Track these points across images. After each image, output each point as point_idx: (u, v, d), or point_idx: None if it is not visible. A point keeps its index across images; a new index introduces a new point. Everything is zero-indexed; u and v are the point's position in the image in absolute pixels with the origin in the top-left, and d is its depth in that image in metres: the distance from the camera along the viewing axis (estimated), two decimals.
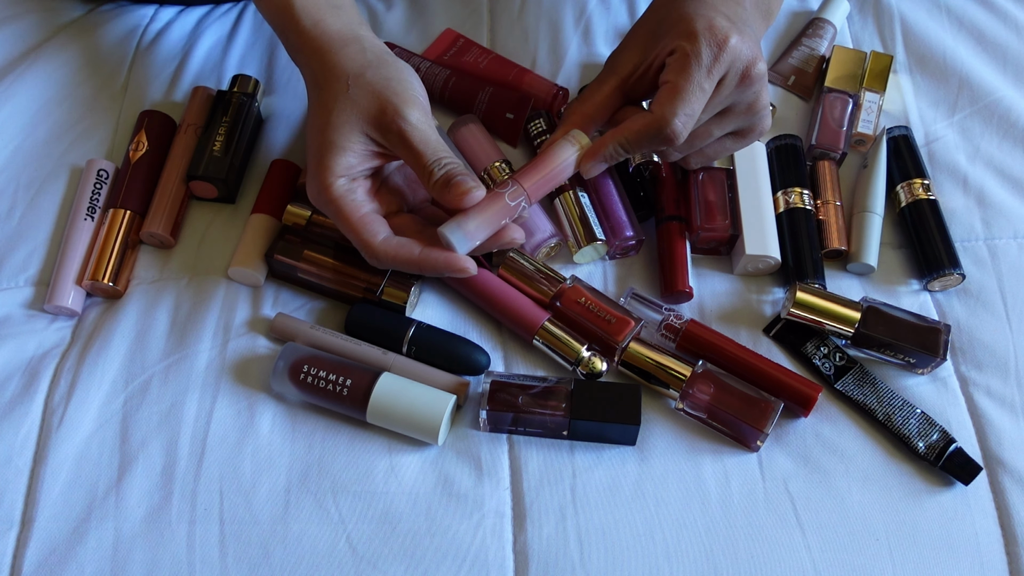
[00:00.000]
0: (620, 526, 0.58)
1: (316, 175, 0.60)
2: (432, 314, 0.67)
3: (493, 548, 0.57)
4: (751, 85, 0.59)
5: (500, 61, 0.78)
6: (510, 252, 0.66)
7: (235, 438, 0.61)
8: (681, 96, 0.57)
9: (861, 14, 0.83)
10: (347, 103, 0.59)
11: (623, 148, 0.61)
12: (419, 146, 0.59)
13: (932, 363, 0.63)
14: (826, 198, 0.71)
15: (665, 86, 0.58)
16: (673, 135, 0.58)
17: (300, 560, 0.57)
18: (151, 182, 0.71)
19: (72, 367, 0.64)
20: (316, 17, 0.62)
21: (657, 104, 0.58)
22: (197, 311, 0.66)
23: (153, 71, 0.79)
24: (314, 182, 0.61)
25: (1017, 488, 0.60)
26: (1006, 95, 0.76)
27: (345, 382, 0.61)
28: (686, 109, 0.57)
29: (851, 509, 0.59)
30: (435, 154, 0.59)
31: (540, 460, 0.61)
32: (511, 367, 0.65)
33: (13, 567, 0.57)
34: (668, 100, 0.58)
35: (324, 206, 0.61)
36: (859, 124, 0.74)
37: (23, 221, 0.71)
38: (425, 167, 0.59)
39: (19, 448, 0.61)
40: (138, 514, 0.59)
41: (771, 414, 0.60)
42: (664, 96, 0.58)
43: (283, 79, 0.79)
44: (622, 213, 0.69)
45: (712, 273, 0.69)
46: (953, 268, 0.67)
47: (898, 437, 0.61)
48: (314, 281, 0.67)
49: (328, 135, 0.59)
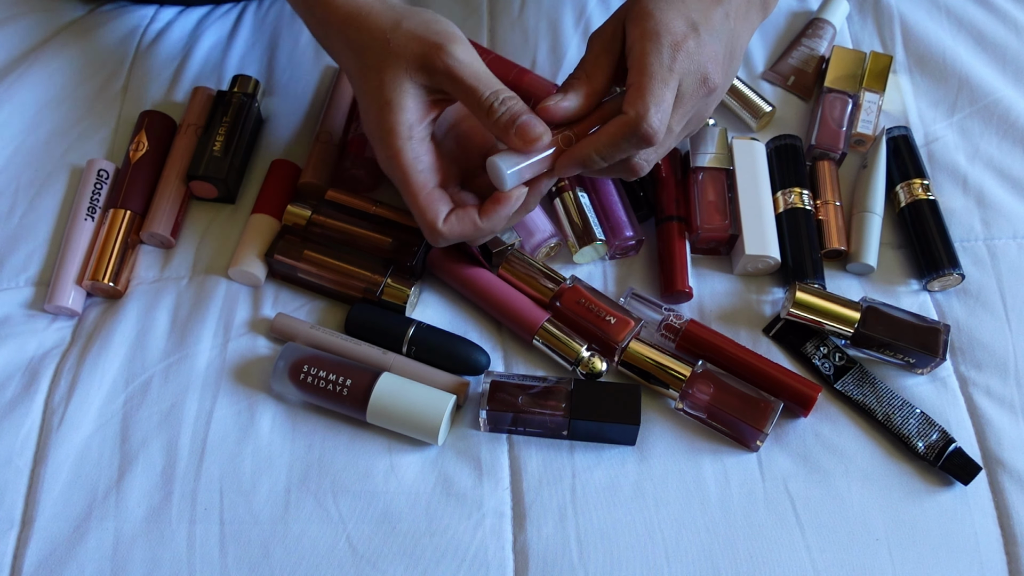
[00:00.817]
0: (620, 526, 0.58)
1: (383, 141, 0.59)
2: (432, 314, 0.67)
3: (493, 548, 0.58)
4: (709, 95, 0.59)
5: (500, 61, 0.78)
6: (510, 252, 0.66)
7: (235, 438, 0.61)
8: (648, 92, 0.56)
9: (861, 14, 0.83)
10: (391, 57, 0.58)
11: (600, 156, 0.58)
12: (470, 80, 0.57)
13: (932, 363, 0.63)
14: (826, 198, 0.71)
15: (630, 88, 0.57)
16: (650, 132, 0.56)
17: (300, 560, 0.57)
18: (151, 182, 0.71)
19: (72, 367, 0.64)
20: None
21: (628, 105, 0.56)
22: (197, 311, 0.66)
23: (153, 71, 0.79)
24: (383, 149, 0.59)
25: (1017, 488, 0.60)
26: (1006, 95, 0.76)
27: (345, 382, 0.61)
28: (658, 105, 0.56)
29: (851, 509, 0.59)
30: (489, 87, 0.57)
31: (540, 460, 0.61)
32: (511, 367, 0.65)
33: (13, 567, 0.57)
34: (637, 98, 0.56)
35: (392, 173, 0.59)
36: (859, 124, 0.74)
37: (23, 221, 0.71)
38: (482, 102, 0.57)
39: (19, 448, 0.61)
40: (138, 514, 0.59)
41: (771, 414, 0.60)
42: (632, 96, 0.56)
43: (283, 79, 0.79)
44: (622, 213, 0.69)
45: (712, 273, 0.69)
46: (953, 268, 0.67)
47: (898, 437, 0.61)
48: (314, 281, 0.67)
49: (384, 94, 0.58)
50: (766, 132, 0.76)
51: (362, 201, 0.69)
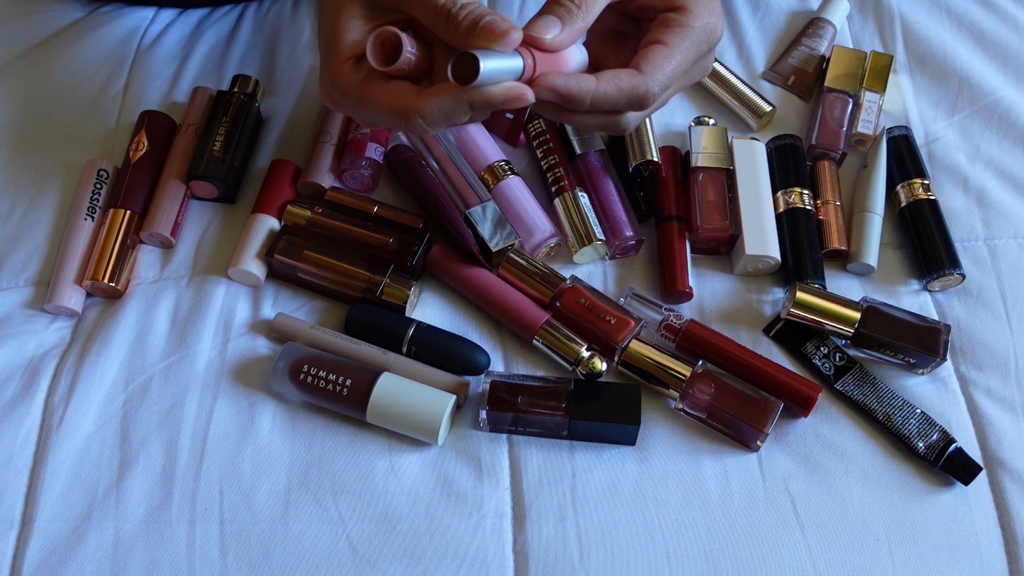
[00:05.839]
0: (620, 526, 0.58)
1: (327, 67, 0.54)
2: (432, 314, 0.67)
3: (493, 548, 0.58)
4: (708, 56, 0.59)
5: None
6: (510, 252, 0.66)
7: (235, 438, 0.61)
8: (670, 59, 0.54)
9: (861, 14, 0.83)
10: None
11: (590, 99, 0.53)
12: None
13: (932, 363, 0.63)
14: (826, 198, 0.71)
15: (656, 46, 0.54)
16: (650, 98, 0.54)
17: (300, 560, 0.57)
18: (151, 182, 0.71)
19: (72, 367, 0.64)
20: None
21: (647, 63, 0.54)
22: (197, 311, 0.66)
23: (153, 72, 0.79)
24: (326, 74, 0.54)
25: (1017, 488, 0.60)
26: (1006, 95, 0.76)
27: (345, 382, 0.61)
28: (672, 74, 0.54)
29: (851, 509, 0.59)
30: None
31: (540, 460, 0.61)
32: (511, 367, 0.65)
33: (13, 567, 0.57)
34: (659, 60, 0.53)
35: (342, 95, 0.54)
36: (859, 124, 0.74)
37: (23, 221, 0.71)
38: (439, 9, 0.51)
39: (19, 448, 0.61)
40: (138, 514, 0.59)
41: (771, 414, 0.60)
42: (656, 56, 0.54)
43: (283, 79, 0.79)
44: (622, 213, 0.69)
45: (712, 273, 0.69)
46: (953, 268, 0.67)
47: (898, 437, 0.61)
48: (314, 281, 0.67)
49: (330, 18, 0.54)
50: (766, 132, 0.76)
51: (362, 201, 0.69)
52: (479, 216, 0.68)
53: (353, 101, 0.54)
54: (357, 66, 0.54)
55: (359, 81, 0.54)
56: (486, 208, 0.68)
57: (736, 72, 0.77)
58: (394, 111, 0.53)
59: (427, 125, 0.53)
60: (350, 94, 0.54)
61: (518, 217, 0.68)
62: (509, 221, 0.68)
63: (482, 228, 0.67)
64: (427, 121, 0.52)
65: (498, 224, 0.67)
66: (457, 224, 0.67)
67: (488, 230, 0.67)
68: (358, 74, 0.54)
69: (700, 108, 0.77)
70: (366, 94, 0.53)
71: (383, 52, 0.53)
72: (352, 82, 0.54)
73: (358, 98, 0.54)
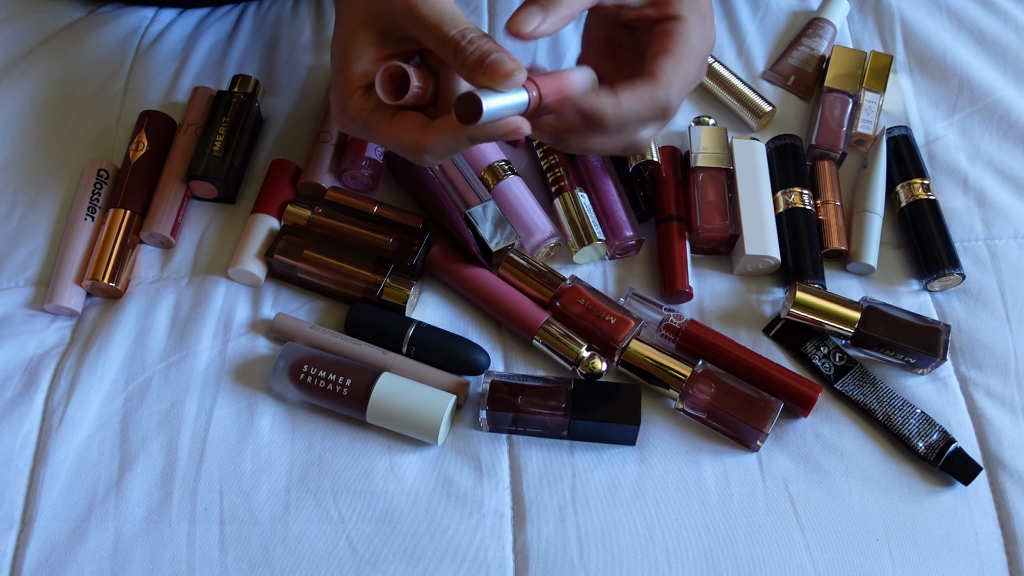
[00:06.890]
0: (620, 526, 0.58)
1: (337, 94, 0.56)
2: (432, 314, 0.67)
3: (493, 548, 0.58)
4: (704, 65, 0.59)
5: None
6: (510, 252, 0.66)
7: (235, 438, 0.61)
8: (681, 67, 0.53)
9: (861, 14, 0.83)
10: (353, 4, 0.55)
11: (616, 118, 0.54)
12: (432, 18, 0.52)
13: (932, 363, 0.63)
14: (826, 198, 0.71)
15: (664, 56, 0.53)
16: (672, 106, 0.53)
17: (300, 560, 0.57)
18: (151, 182, 0.71)
19: (72, 367, 0.64)
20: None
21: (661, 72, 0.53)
22: (197, 311, 0.66)
23: (153, 72, 0.79)
24: (336, 101, 0.56)
25: (1017, 488, 0.60)
26: (1006, 95, 0.76)
27: (345, 382, 0.61)
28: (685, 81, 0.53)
29: (851, 509, 0.59)
30: (456, 25, 0.52)
31: (540, 460, 0.61)
32: (511, 367, 0.65)
33: (13, 567, 0.57)
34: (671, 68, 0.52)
35: (352, 122, 0.56)
36: (859, 124, 0.74)
37: (23, 221, 0.71)
38: (448, 41, 0.52)
39: (19, 448, 0.61)
40: (138, 514, 0.59)
41: (771, 414, 0.60)
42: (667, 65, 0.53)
43: (283, 79, 0.79)
44: (622, 213, 0.69)
45: (712, 273, 0.69)
46: (953, 268, 0.67)
47: (898, 437, 0.61)
48: (314, 281, 0.67)
49: (342, 45, 0.55)
50: (766, 132, 0.76)
51: (362, 201, 0.69)
52: (479, 216, 0.68)
53: (363, 128, 0.57)
54: (366, 95, 0.56)
55: (368, 111, 0.56)
56: (486, 208, 0.68)
57: (736, 72, 0.77)
58: (401, 146, 0.56)
59: (432, 159, 0.56)
60: (359, 122, 0.56)
61: (518, 217, 0.68)
62: (509, 221, 0.68)
63: (482, 228, 0.67)
64: (432, 156, 0.55)
65: (498, 224, 0.67)
66: (457, 224, 0.67)
67: (488, 230, 0.67)
68: (367, 104, 0.56)
69: (700, 108, 0.77)
70: (374, 125, 0.56)
71: (391, 85, 0.55)
72: (362, 112, 0.56)
73: (367, 127, 0.56)
